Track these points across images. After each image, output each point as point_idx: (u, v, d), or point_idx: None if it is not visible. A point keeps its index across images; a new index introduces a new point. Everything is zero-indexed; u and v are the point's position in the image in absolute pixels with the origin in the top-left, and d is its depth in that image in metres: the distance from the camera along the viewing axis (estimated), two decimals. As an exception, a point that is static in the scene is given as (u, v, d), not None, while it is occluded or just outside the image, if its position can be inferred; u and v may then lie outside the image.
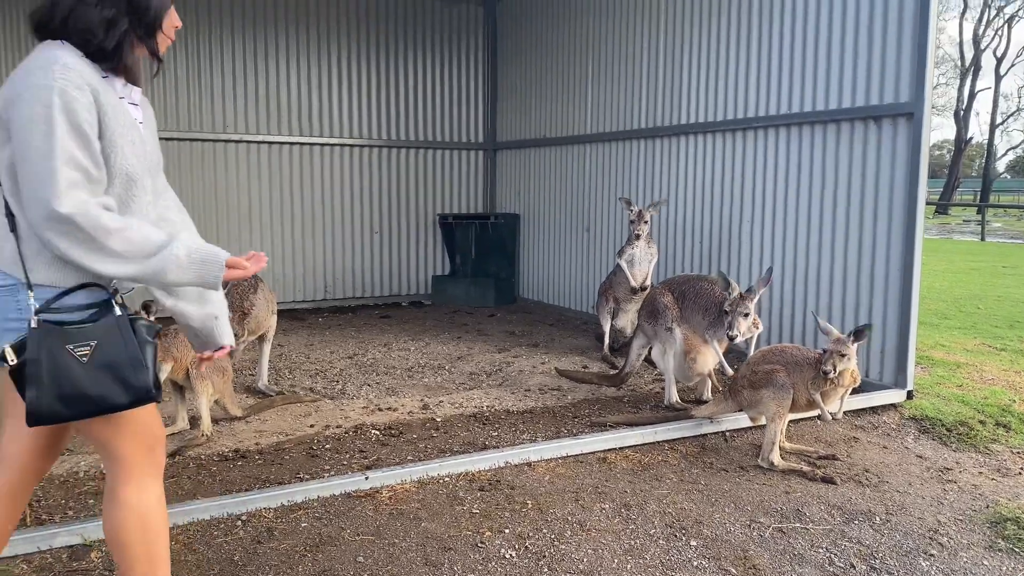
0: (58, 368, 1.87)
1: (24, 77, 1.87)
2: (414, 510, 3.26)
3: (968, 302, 10.03)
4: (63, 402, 1.88)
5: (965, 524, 3.34)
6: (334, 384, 5.23)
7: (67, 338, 1.89)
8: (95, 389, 1.90)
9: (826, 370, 3.70)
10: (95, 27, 1.93)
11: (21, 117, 1.83)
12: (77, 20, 1.92)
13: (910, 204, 4.74)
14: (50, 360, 1.86)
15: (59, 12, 1.93)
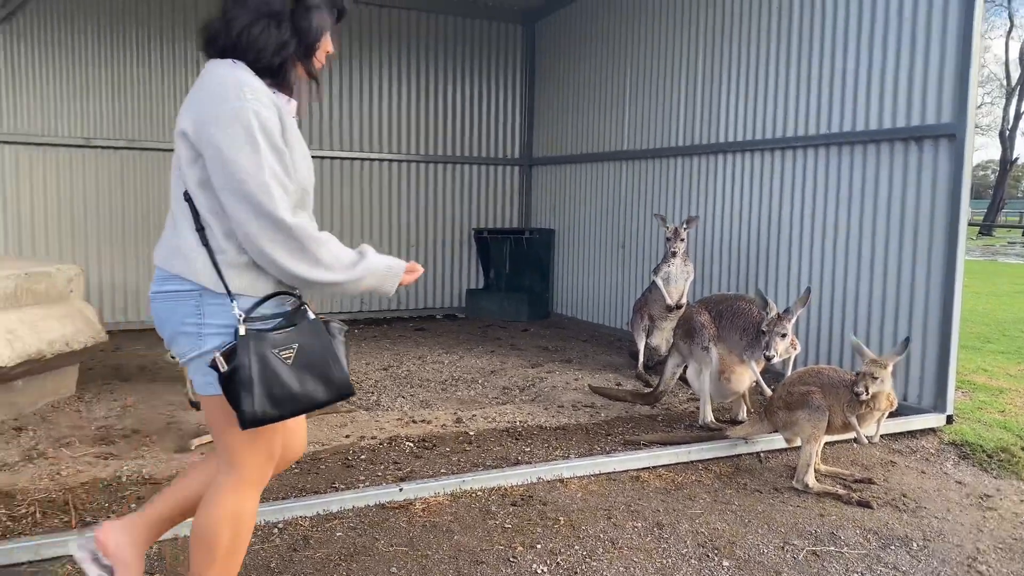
0: (267, 371, 1.97)
1: (217, 100, 1.97)
2: (447, 523, 3.29)
3: (1012, 326, 9.83)
4: (273, 403, 1.98)
5: (1005, 552, 3.28)
6: (369, 395, 5.29)
7: (271, 343, 2.00)
8: (301, 388, 2.02)
9: (858, 391, 3.67)
10: (266, 47, 2.05)
11: (225, 138, 1.93)
12: (251, 40, 2.03)
13: (951, 226, 4.69)
14: (260, 364, 1.97)
15: (233, 31, 2.04)
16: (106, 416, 4.69)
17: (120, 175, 7.55)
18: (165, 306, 2.08)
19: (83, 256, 7.38)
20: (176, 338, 2.10)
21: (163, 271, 2.10)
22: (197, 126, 1.98)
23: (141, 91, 7.56)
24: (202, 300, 2.04)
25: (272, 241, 1.98)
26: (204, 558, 2.16)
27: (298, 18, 2.08)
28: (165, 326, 2.12)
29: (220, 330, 2.03)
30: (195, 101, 2.02)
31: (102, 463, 3.90)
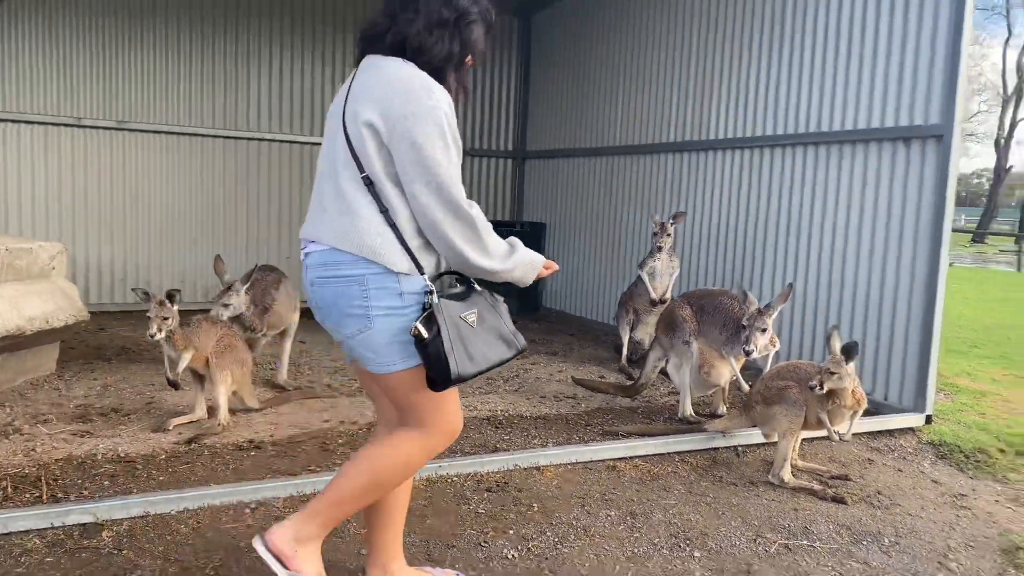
0: (461, 333, 2.17)
1: (412, 99, 2.12)
2: (420, 507, 3.29)
3: (999, 331, 9.87)
4: (471, 361, 2.17)
5: (976, 551, 3.30)
6: (352, 382, 5.28)
7: (460, 309, 2.20)
8: (490, 347, 2.23)
9: (811, 385, 3.63)
10: (437, 54, 2.23)
11: (421, 134, 2.11)
12: (424, 45, 2.21)
13: (936, 228, 4.70)
14: (454, 327, 2.15)
15: (408, 34, 2.20)
16: (85, 395, 4.68)
17: (110, 156, 7.52)
18: (334, 291, 2.20)
19: (70, 236, 7.34)
20: (343, 320, 2.21)
21: (334, 252, 2.19)
22: (390, 120, 2.12)
23: (132, 72, 7.53)
24: (369, 284, 2.16)
25: (453, 228, 2.16)
26: (355, 479, 2.30)
27: (461, 29, 2.26)
28: (332, 310, 2.23)
29: (387, 312, 2.17)
30: (382, 96, 2.14)
31: (78, 441, 3.89)
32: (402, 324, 2.17)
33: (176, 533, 2.97)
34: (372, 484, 2.31)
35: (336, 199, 2.21)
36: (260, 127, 7.99)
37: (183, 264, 7.84)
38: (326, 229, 2.22)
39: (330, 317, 2.26)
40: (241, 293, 4.54)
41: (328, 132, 2.31)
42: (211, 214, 7.92)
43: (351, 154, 2.17)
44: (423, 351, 2.14)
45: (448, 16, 2.22)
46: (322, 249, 2.22)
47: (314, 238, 2.25)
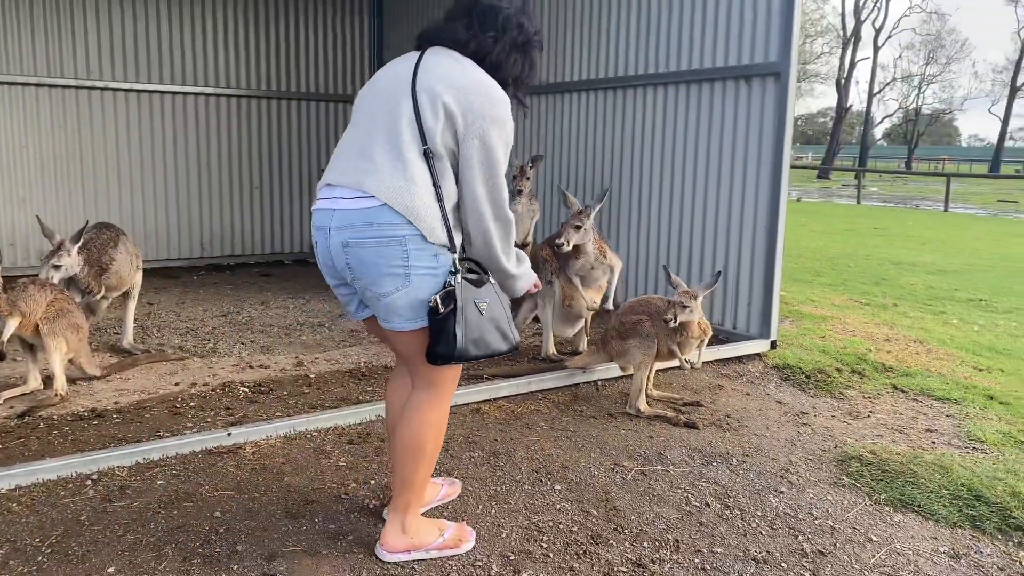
0: (469, 316, 2.31)
1: (493, 103, 2.32)
2: (278, 465, 3.20)
3: (841, 261, 10.57)
4: (473, 344, 2.32)
5: (814, 463, 3.54)
6: (205, 343, 5.06)
7: (475, 294, 2.33)
8: (489, 337, 2.36)
9: (667, 319, 3.77)
10: (510, 73, 2.46)
11: (494, 137, 2.30)
12: (502, 63, 2.43)
13: (776, 163, 4.92)
14: (467, 309, 2.31)
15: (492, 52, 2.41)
16: (-100, 373, 4.26)
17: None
18: (375, 251, 2.27)
19: None
20: (381, 279, 2.29)
21: (380, 210, 2.26)
22: (469, 115, 2.28)
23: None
24: (409, 245, 2.26)
25: (495, 224, 2.37)
26: (412, 461, 2.49)
27: (529, 52, 2.50)
28: (370, 269, 2.29)
29: (425, 271, 2.30)
30: (465, 89, 2.29)
31: None
32: (436, 284, 2.31)
33: (8, 512, 2.77)
34: (421, 455, 2.50)
35: (393, 160, 2.28)
36: (91, 74, 7.37)
37: (9, 225, 7.21)
38: (377, 183, 2.27)
39: (366, 276, 2.32)
40: (73, 253, 4.21)
41: (384, 91, 2.38)
42: (40, 170, 7.29)
43: (418, 125, 2.28)
44: (435, 323, 2.30)
45: (521, 40, 2.46)
46: (364, 205, 2.27)
47: (359, 188, 2.29)
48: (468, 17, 2.43)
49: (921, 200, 27.02)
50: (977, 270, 10.08)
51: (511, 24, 2.44)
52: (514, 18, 2.45)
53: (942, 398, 4.50)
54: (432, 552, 2.57)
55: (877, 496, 3.22)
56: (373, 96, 2.42)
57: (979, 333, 6.28)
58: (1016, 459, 3.61)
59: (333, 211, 2.32)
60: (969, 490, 3.26)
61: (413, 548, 2.55)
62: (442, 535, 2.62)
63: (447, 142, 2.30)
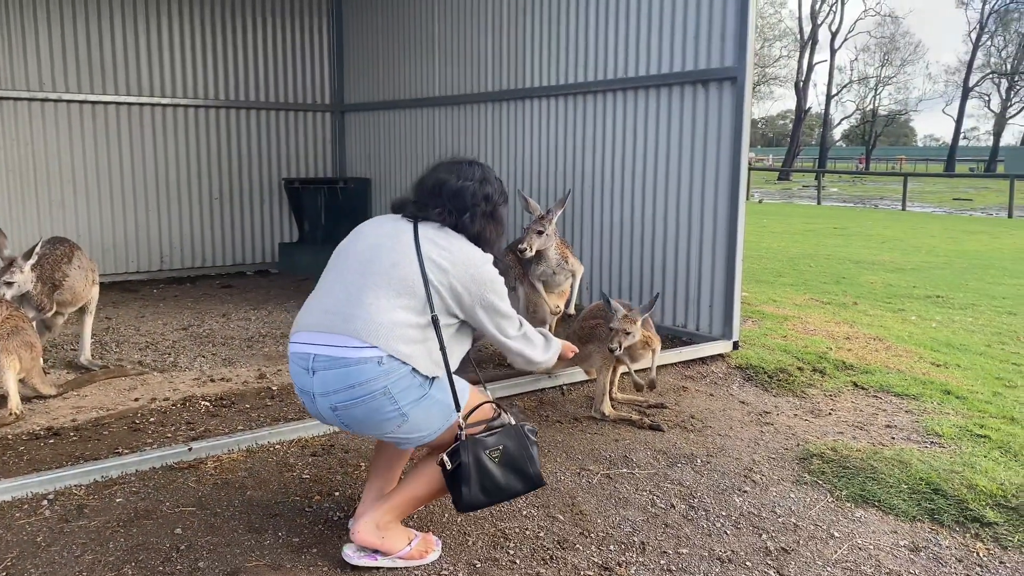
0: (481, 469, 2.45)
1: (486, 273, 2.56)
2: (240, 479, 3.16)
3: (801, 261, 10.73)
4: (484, 493, 2.47)
5: (777, 462, 3.58)
6: (165, 357, 4.98)
7: (484, 445, 2.47)
8: (505, 482, 2.50)
9: (612, 348, 3.72)
10: (490, 240, 2.69)
11: (495, 297, 2.57)
12: (484, 235, 2.66)
13: (734, 166, 4.98)
14: (476, 464, 2.44)
15: (473, 227, 2.64)
16: None
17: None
18: (364, 409, 2.42)
19: None
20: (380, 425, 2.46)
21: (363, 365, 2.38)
22: (472, 286, 2.51)
23: None
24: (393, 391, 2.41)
25: (521, 345, 2.69)
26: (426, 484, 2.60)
27: (494, 214, 2.70)
28: (365, 424, 2.47)
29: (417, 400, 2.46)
30: (464, 265, 2.51)
31: None
32: (430, 403, 2.46)
33: (-40, 537, 2.69)
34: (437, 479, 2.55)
35: (396, 320, 2.42)
36: (43, 86, 7.22)
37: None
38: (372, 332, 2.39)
39: (364, 430, 2.50)
40: (25, 270, 4.12)
41: (383, 245, 2.54)
42: (-8, 185, 7.13)
43: (426, 293, 2.45)
44: (446, 476, 2.46)
45: (489, 210, 2.67)
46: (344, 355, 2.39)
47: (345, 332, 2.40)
48: (438, 201, 2.63)
49: (879, 200, 27.54)
50: (934, 267, 10.29)
51: (478, 199, 2.65)
52: (479, 192, 2.65)
53: (901, 394, 4.58)
54: (397, 561, 2.59)
55: (838, 493, 3.27)
56: (367, 251, 2.55)
57: (936, 329, 6.41)
58: (972, 452, 3.68)
59: (312, 372, 2.44)
60: (927, 484, 3.33)
61: (380, 549, 2.58)
62: (409, 544, 2.63)
63: (451, 310, 2.51)
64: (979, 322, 6.67)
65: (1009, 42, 48.95)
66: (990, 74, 49.67)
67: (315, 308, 2.53)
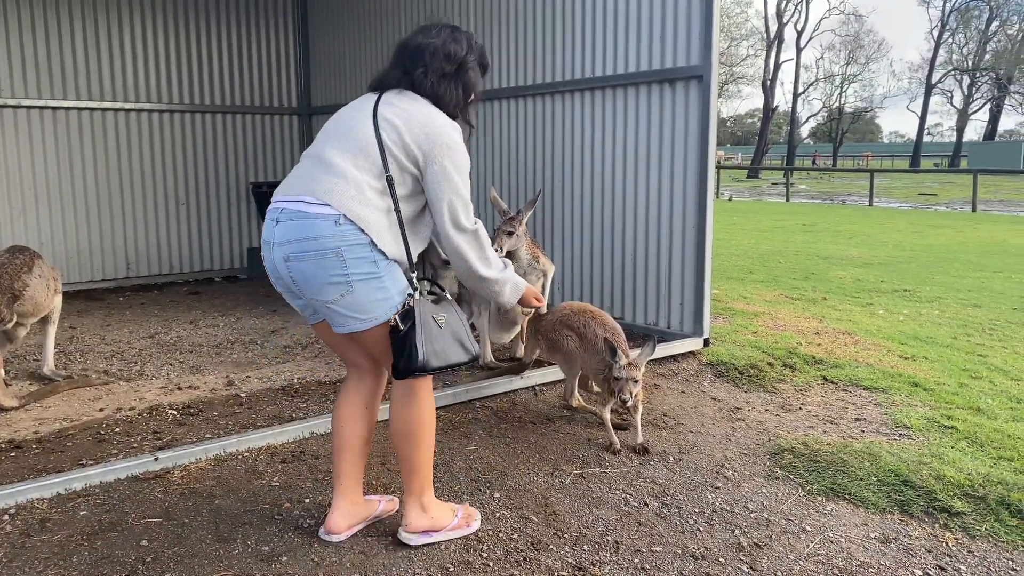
0: (429, 331, 2.47)
1: (445, 133, 2.52)
2: (208, 488, 3.10)
3: (771, 257, 10.82)
4: (435, 356, 2.47)
5: (749, 457, 3.59)
6: (131, 365, 4.89)
7: (431, 309, 2.52)
8: (449, 349, 2.51)
9: (624, 399, 3.50)
10: (449, 100, 2.62)
11: (451, 162, 2.50)
12: (438, 93, 2.61)
13: (702, 163, 5.00)
14: (425, 324, 2.47)
15: (424, 86, 2.58)
16: None
17: None
18: (313, 264, 2.43)
19: None
20: (323, 288, 2.45)
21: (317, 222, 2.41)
22: (426, 147, 2.49)
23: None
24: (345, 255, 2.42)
25: (464, 239, 2.57)
26: (413, 446, 2.66)
27: (462, 76, 2.65)
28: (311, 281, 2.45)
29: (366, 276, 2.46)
30: (422, 124, 2.50)
31: None
32: (379, 288, 2.46)
33: (-83, 555, 2.62)
34: (419, 438, 2.66)
35: (349, 170, 2.46)
36: (1, 92, 7.06)
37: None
38: (327, 187, 2.43)
39: (308, 287, 2.47)
40: (-16, 280, 4.03)
41: (347, 120, 2.57)
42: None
43: (380, 155, 2.47)
44: (397, 341, 2.46)
45: (450, 70, 2.61)
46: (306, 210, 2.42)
47: (309, 194, 2.44)
48: (398, 62, 2.63)
49: (847, 196, 27.90)
50: (901, 261, 10.44)
51: (438, 56, 2.60)
52: (440, 50, 2.61)
53: (870, 387, 4.62)
54: (450, 534, 2.74)
55: (809, 487, 3.29)
56: (334, 124, 2.61)
57: (904, 323, 6.49)
58: (940, 443, 3.72)
59: (276, 222, 2.47)
60: (896, 476, 3.36)
61: (432, 529, 2.71)
62: (455, 516, 2.79)
63: (408, 170, 2.50)
64: (945, 315, 6.76)
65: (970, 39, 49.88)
66: (952, 71, 50.58)
67: (290, 177, 2.58)
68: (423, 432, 2.67)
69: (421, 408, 2.66)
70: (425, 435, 2.68)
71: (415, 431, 2.65)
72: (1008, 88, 48.36)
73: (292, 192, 2.50)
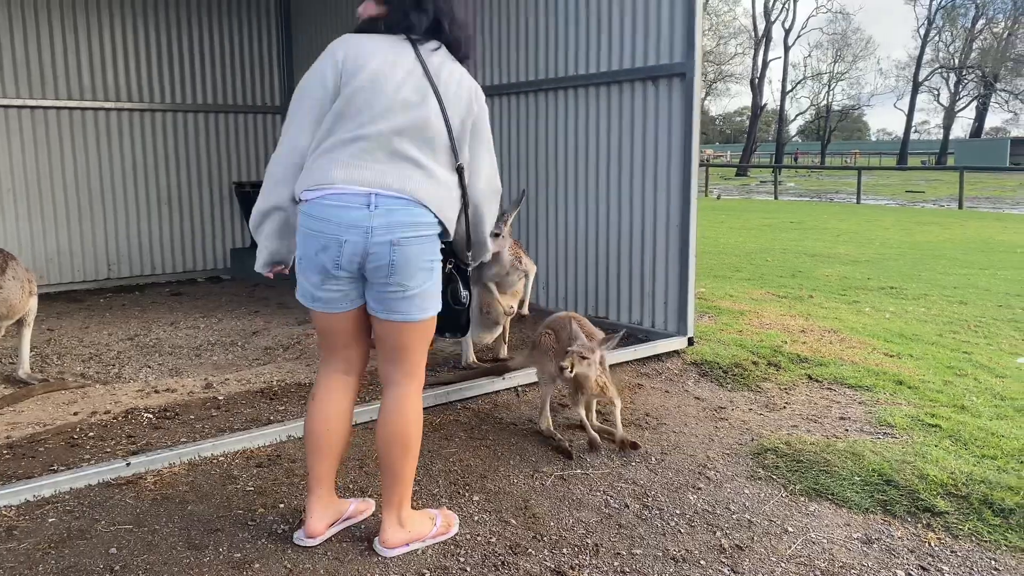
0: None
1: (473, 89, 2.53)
2: (182, 494, 3.05)
3: (758, 255, 10.81)
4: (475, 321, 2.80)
5: (731, 458, 3.56)
6: (109, 368, 4.83)
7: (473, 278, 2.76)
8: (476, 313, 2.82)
9: (563, 366, 3.40)
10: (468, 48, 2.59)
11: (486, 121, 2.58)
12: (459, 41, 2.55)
13: (685, 161, 4.96)
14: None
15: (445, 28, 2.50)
16: None
17: None
18: (418, 249, 2.43)
19: None
20: (416, 273, 2.43)
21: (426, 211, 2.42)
22: (475, 107, 2.53)
23: None
24: (435, 243, 2.48)
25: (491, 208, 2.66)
26: (402, 454, 2.58)
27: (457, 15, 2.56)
28: (410, 264, 2.41)
29: (438, 262, 2.52)
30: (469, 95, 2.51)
31: None
32: (438, 273, 2.53)
33: None
34: (409, 449, 2.60)
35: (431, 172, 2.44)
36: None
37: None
38: (424, 192, 2.41)
39: (403, 271, 2.42)
40: (-45, 282, 3.96)
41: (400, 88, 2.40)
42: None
43: (450, 142, 2.45)
44: (460, 311, 2.64)
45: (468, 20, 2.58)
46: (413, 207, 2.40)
47: (408, 195, 2.39)
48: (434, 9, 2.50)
49: (835, 193, 27.97)
50: (888, 259, 10.44)
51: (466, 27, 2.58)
52: None
53: (855, 386, 4.60)
54: (429, 540, 2.71)
55: (792, 487, 3.26)
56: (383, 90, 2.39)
57: (890, 320, 6.48)
58: (923, 442, 3.70)
59: (374, 206, 2.37)
60: (880, 475, 3.33)
61: (411, 540, 2.67)
62: (434, 523, 2.76)
63: (468, 148, 2.54)
64: (931, 312, 6.76)
65: (956, 37, 50.14)
66: (939, 69, 50.82)
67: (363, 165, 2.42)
68: (414, 440, 2.61)
69: (418, 414, 2.62)
70: (415, 443, 2.62)
71: (409, 438, 2.59)
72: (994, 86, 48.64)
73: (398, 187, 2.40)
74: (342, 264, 2.42)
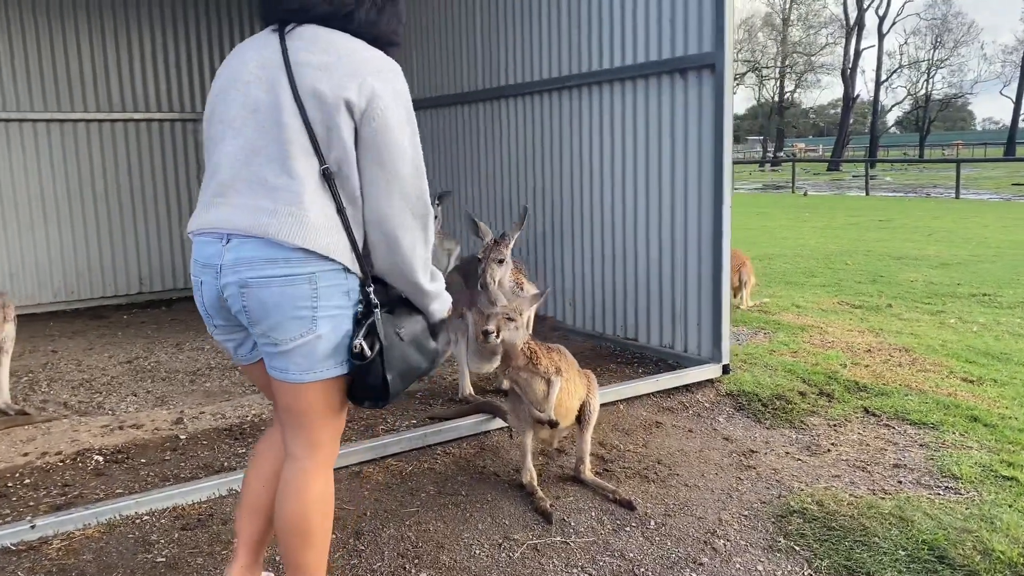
0: (394, 349, 1.97)
1: (385, 79, 1.90)
2: (83, 565, 2.65)
3: (838, 258, 9.95)
4: (402, 378, 2.00)
5: (749, 520, 2.96)
6: (95, 396, 4.54)
7: (395, 323, 1.99)
8: (413, 360, 2.03)
9: (487, 330, 2.93)
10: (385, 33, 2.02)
11: (394, 118, 1.89)
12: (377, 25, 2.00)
13: (717, 163, 4.36)
14: (391, 344, 1.95)
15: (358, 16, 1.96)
16: None
17: None
18: (278, 292, 1.88)
19: None
20: (284, 324, 1.90)
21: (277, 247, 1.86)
22: (362, 100, 1.86)
23: None
24: (319, 282, 1.89)
25: (412, 222, 1.95)
26: (301, 544, 2.09)
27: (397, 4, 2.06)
28: (273, 313, 1.89)
29: (334, 311, 1.93)
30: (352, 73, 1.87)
31: None
32: (345, 326, 1.95)
33: None
34: (309, 536, 2.09)
35: (279, 189, 1.88)
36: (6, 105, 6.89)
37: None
38: (266, 222, 1.86)
39: (266, 320, 1.91)
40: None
41: (255, 92, 1.91)
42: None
43: (311, 141, 1.87)
44: (361, 368, 1.95)
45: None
46: (257, 241, 1.87)
47: (244, 231, 1.88)
48: None
49: (933, 188, 26.19)
50: (984, 260, 9.43)
51: None
52: None
53: (918, 422, 3.90)
54: None
55: (818, 563, 2.64)
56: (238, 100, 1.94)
57: (977, 334, 5.68)
58: (993, 501, 3.02)
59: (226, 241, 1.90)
60: (931, 549, 2.68)
61: None
62: None
63: (345, 147, 1.88)
64: (1026, 326, 5.89)
65: (1071, 16, 46.54)
66: (1052, 51, 47.27)
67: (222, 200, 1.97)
68: (314, 526, 2.09)
69: (322, 496, 2.08)
70: (317, 529, 2.10)
71: (307, 525, 2.07)
72: (1115, 67, 44.85)
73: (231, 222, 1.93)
74: (207, 309, 2.02)
